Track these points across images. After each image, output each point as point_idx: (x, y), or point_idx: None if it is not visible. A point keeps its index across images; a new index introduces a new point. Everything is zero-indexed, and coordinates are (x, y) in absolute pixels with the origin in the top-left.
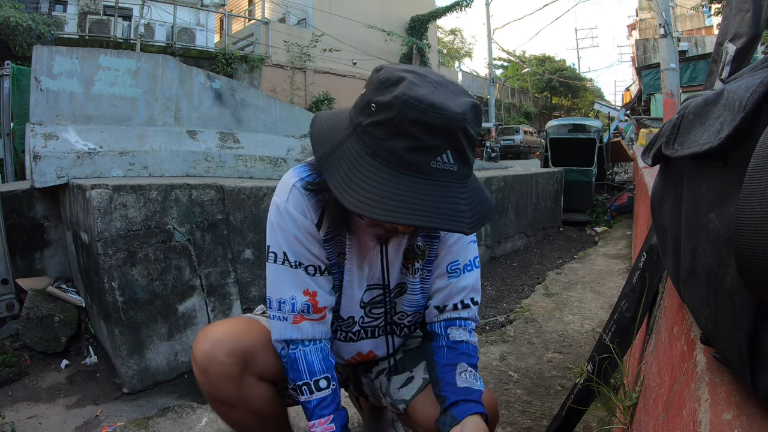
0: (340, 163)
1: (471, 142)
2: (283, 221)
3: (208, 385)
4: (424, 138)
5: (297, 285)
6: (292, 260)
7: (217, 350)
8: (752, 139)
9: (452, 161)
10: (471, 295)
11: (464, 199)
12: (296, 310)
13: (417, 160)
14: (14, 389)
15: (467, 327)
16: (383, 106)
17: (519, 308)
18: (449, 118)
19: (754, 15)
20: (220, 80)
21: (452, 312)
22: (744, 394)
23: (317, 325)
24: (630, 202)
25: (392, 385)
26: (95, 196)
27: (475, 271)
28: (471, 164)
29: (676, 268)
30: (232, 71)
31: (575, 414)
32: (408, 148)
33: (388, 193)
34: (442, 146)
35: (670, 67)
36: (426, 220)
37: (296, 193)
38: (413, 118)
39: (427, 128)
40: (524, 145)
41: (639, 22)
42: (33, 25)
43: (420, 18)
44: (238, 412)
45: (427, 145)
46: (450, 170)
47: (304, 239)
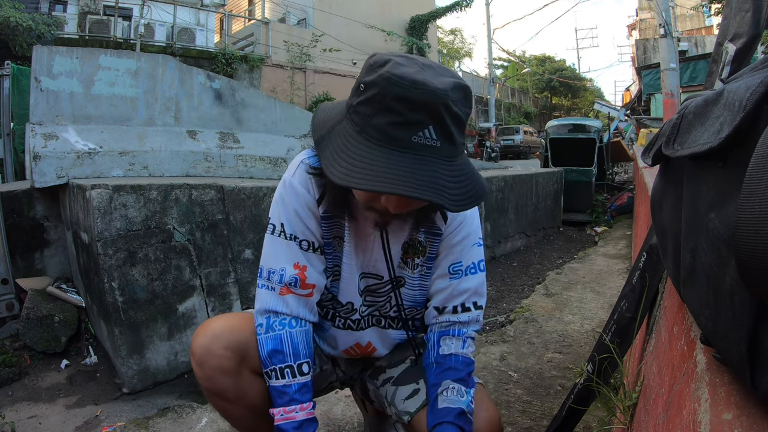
0: (332, 143)
1: (456, 120)
2: (287, 194)
3: (205, 378)
4: (406, 113)
5: (289, 257)
6: (288, 232)
7: (215, 344)
8: (752, 139)
9: (435, 137)
10: (473, 298)
11: (449, 175)
12: (284, 282)
13: (399, 134)
14: (14, 389)
15: (461, 336)
16: (369, 84)
17: (519, 308)
18: (430, 93)
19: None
20: (220, 80)
21: (451, 315)
22: (744, 394)
23: (302, 302)
24: (630, 202)
25: (398, 395)
26: (95, 196)
27: (479, 274)
28: (457, 144)
29: (676, 268)
30: (232, 71)
31: (575, 414)
32: (391, 122)
33: (369, 165)
34: (424, 121)
35: (670, 67)
36: (405, 189)
37: (303, 169)
38: (395, 93)
39: (408, 103)
40: (524, 145)
41: (639, 22)
42: (33, 25)
43: (420, 18)
44: (235, 406)
45: (409, 120)
46: (433, 146)
47: (302, 213)
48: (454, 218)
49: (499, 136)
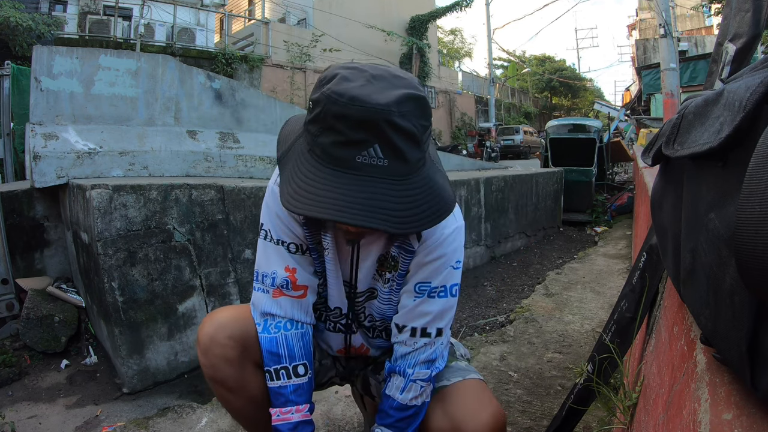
0: (290, 161)
1: (405, 135)
2: (271, 200)
3: (208, 366)
4: (346, 132)
5: (279, 261)
6: (275, 237)
7: (219, 333)
8: (752, 139)
9: (381, 155)
10: (435, 324)
11: (397, 197)
12: (276, 284)
13: (342, 154)
14: (14, 389)
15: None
16: (315, 102)
17: (519, 308)
18: (370, 110)
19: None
20: (220, 80)
21: (409, 336)
22: (744, 394)
23: (296, 303)
24: (630, 202)
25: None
26: (95, 196)
27: (447, 299)
28: (410, 160)
29: (676, 268)
30: (232, 71)
31: (575, 414)
32: (333, 142)
33: (313, 188)
34: (368, 140)
35: (670, 67)
36: (339, 215)
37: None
38: (334, 111)
39: (348, 122)
40: (524, 145)
41: (639, 22)
42: (33, 25)
43: (420, 18)
44: (236, 396)
45: (351, 139)
46: (379, 165)
47: (285, 218)
48: (430, 236)
49: (499, 136)
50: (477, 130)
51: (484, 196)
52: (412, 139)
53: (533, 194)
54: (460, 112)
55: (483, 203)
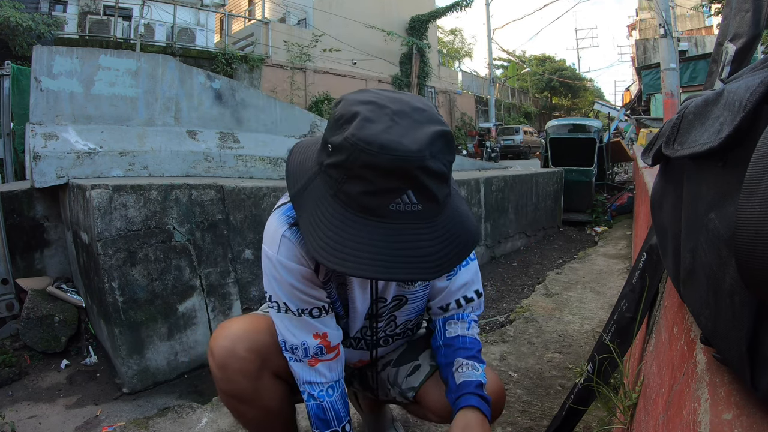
0: (309, 203)
1: (436, 177)
2: (278, 273)
3: (224, 380)
4: (377, 181)
5: (305, 330)
6: (294, 309)
7: (238, 346)
8: (752, 139)
9: (415, 201)
10: (472, 288)
11: (432, 239)
12: (309, 354)
13: (374, 203)
14: (14, 389)
15: (466, 319)
16: (336, 147)
17: (519, 308)
18: (403, 159)
19: (754, 15)
20: (220, 80)
21: (456, 310)
22: (744, 394)
23: (333, 364)
24: (630, 202)
25: (400, 374)
26: (95, 196)
27: (470, 264)
28: (440, 199)
29: (676, 268)
30: (232, 71)
31: (575, 414)
32: (363, 192)
33: (345, 240)
34: (400, 188)
35: (670, 67)
36: (384, 273)
37: (287, 243)
38: (363, 161)
39: (379, 171)
40: (524, 145)
41: (639, 22)
42: (33, 25)
43: (420, 18)
44: (250, 408)
45: (383, 188)
46: (413, 211)
47: (302, 286)
48: None
49: (499, 136)
50: (477, 130)
51: (484, 196)
52: (442, 178)
53: (533, 194)
54: (460, 112)
55: (483, 203)
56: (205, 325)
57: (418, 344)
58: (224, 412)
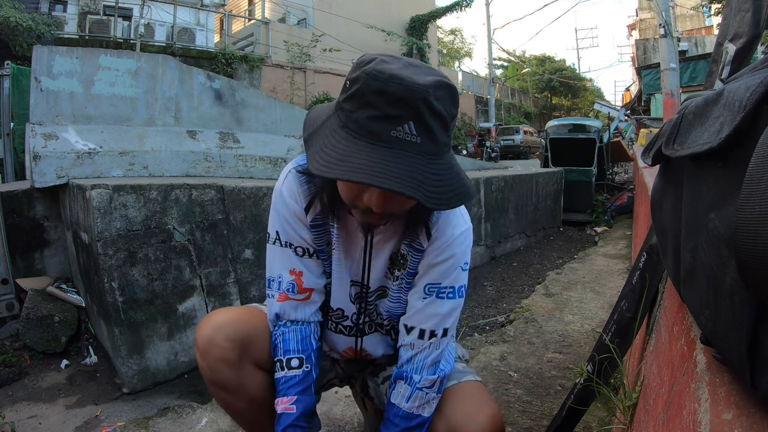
0: (318, 139)
1: (437, 117)
2: (277, 203)
3: (207, 368)
4: (384, 107)
5: (285, 264)
6: (282, 240)
7: (217, 335)
8: (752, 139)
9: (414, 132)
10: (443, 324)
11: (429, 172)
12: (281, 289)
13: (378, 128)
14: (14, 389)
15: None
16: (353, 81)
17: (519, 308)
18: (409, 88)
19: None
20: (220, 80)
21: (416, 338)
22: (744, 394)
23: (300, 306)
24: (630, 202)
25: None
26: (95, 196)
27: (455, 300)
28: (440, 142)
29: (676, 268)
30: (232, 71)
31: (575, 414)
32: (370, 117)
33: (346, 156)
34: (402, 116)
35: (670, 67)
36: (379, 181)
37: (290, 178)
38: (375, 87)
39: (386, 97)
40: (524, 145)
41: (639, 22)
42: (33, 25)
43: (420, 18)
44: (236, 398)
45: (388, 114)
46: (412, 141)
47: (292, 221)
48: (440, 235)
49: (499, 136)
50: (477, 130)
51: (484, 196)
52: (442, 122)
53: (533, 194)
54: (460, 112)
55: (483, 203)
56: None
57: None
58: (224, 412)
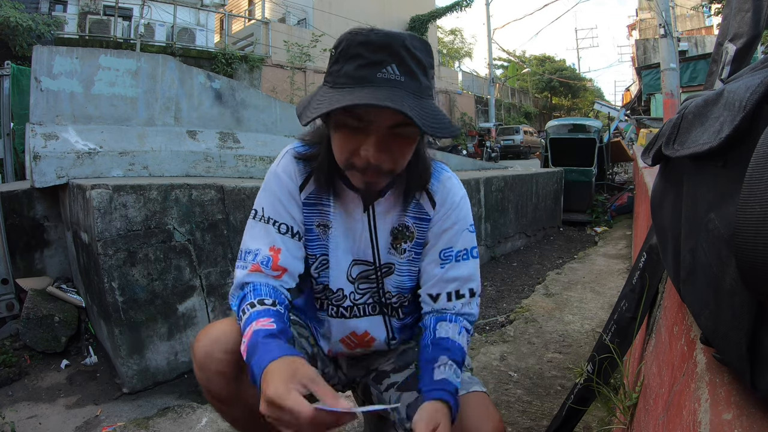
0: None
1: (416, 61)
2: (270, 181)
3: (205, 380)
4: (368, 55)
5: (265, 240)
6: (266, 215)
7: (215, 348)
8: (752, 139)
9: (398, 73)
10: (467, 285)
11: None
12: (256, 261)
13: (365, 73)
14: (14, 389)
15: (458, 323)
16: (337, 45)
17: (519, 308)
18: (389, 35)
19: (754, 15)
20: (220, 80)
21: (446, 303)
22: (744, 394)
23: (269, 279)
24: (630, 202)
25: (402, 401)
26: (95, 196)
27: (471, 260)
28: (423, 84)
29: (676, 268)
30: (232, 71)
31: (575, 414)
32: (357, 66)
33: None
34: (386, 60)
35: (670, 67)
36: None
37: (287, 158)
38: (358, 40)
39: (369, 46)
40: (524, 145)
41: (639, 22)
42: (33, 25)
43: (420, 18)
44: (234, 408)
45: (372, 60)
46: (398, 80)
47: (283, 198)
48: (444, 202)
49: (499, 136)
50: (477, 130)
51: (484, 196)
52: (421, 66)
53: (533, 194)
54: (460, 112)
55: (483, 203)
56: (206, 325)
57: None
58: None
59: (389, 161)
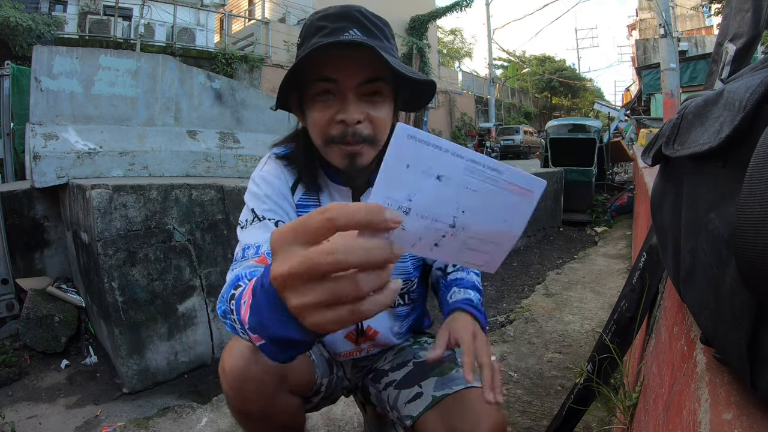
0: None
1: (375, 24)
2: (256, 186)
3: (238, 400)
4: (329, 26)
5: (266, 236)
6: (260, 215)
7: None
8: (752, 139)
9: (360, 35)
10: None
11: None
12: (260, 252)
13: (329, 38)
14: (14, 389)
15: (467, 271)
16: (301, 29)
17: (519, 308)
18: (346, 6)
19: (754, 15)
20: (220, 80)
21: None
22: (744, 394)
23: None
24: (630, 202)
25: (400, 399)
26: (95, 196)
27: None
28: (385, 43)
29: (676, 268)
30: (232, 71)
31: (575, 414)
32: (321, 36)
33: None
34: (347, 26)
35: (670, 67)
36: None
37: (271, 162)
38: (318, 16)
39: (329, 18)
40: (524, 145)
41: (639, 22)
42: (33, 25)
43: (420, 18)
44: (262, 426)
45: (334, 28)
46: (361, 40)
47: (275, 196)
48: None
49: (499, 136)
50: (477, 130)
51: None
52: (381, 31)
53: None
54: (460, 112)
55: None
56: (205, 325)
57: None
58: (224, 412)
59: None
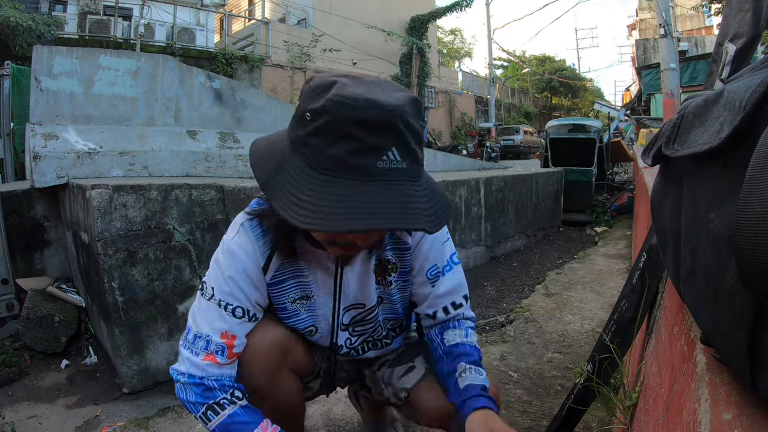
0: (283, 184)
1: (415, 135)
2: (222, 258)
3: (245, 375)
4: (364, 137)
5: (218, 326)
6: (218, 298)
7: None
8: (752, 139)
9: (399, 158)
10: (460, 293)
11: (419, 195)
12: (209, 350)
13: (362, 162)
14: (14, 389)
15: (462, 327)
16: (317, 112)
17: (519, 308)
18: (387, 110)
19: (754, 15)
20: (220, 80)
21: (444, 316)
22: (744, 394)
23: (224, 369)
24: (630, 202)
25: (394, 375)
26: (95, 196)
27: (455, 268)
28: (420, 161)
29: (676, 268)
30: (232, 71)
31: (575, 414)
32: (350, 151)
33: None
34: (385, 144)
35: (670, 67)
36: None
37: (243, 232)
38: (350, 117)
39: (366, 126)
40: (524, 145)
41: (639, 22)
42: (33, 25)
43: (420, 18)
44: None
45: (370, 145)
46: (399, 168)
47: (239, 279)
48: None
49: (499, 136)
50: (477, 130)
51: (484, 196)
52: (419, 139)
53: (533, 194)
54: (460, 112)
55: (483, 203)
56: None
57: (414, 347)
58: None
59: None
